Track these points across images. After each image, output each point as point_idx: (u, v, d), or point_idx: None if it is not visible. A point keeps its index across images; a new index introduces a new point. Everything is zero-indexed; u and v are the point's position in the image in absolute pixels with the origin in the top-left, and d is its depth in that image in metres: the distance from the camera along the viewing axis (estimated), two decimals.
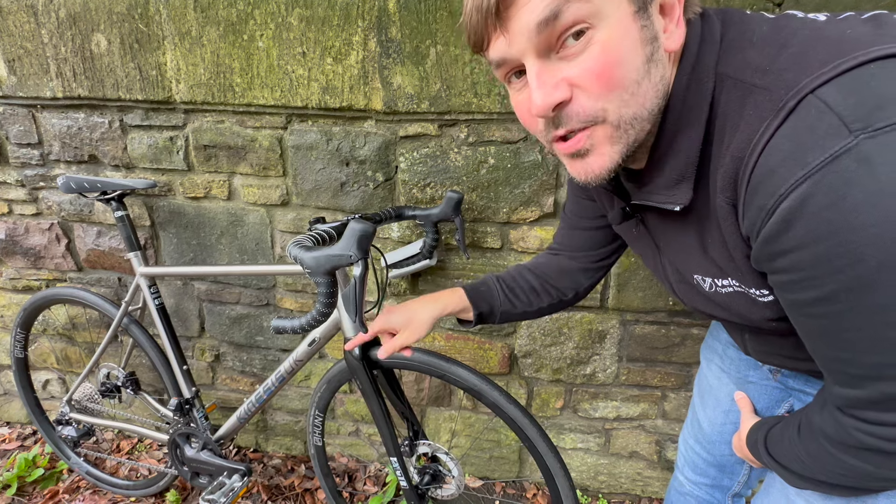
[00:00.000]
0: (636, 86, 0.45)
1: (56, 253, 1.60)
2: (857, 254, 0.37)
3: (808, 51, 0.41)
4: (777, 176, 0.40)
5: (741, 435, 0.72)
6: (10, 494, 1.59)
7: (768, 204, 0.41)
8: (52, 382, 1.84)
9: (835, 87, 0.38)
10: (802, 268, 0.41)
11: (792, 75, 0.40)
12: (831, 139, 0.37)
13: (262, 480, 1.65)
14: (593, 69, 0.44)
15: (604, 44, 0.43)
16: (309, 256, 0.78)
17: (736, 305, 0.56)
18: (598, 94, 0.45)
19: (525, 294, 0.87)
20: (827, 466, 0.51)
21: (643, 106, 0.46)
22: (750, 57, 0.44)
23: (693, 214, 0.53)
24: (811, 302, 0.43)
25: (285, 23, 1.19)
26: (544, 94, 0.45)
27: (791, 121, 0.39)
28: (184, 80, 1.29)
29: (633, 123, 0.47)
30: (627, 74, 0.44)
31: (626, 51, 0.43)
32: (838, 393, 0.47)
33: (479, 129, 1.23)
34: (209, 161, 1.39)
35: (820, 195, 0.37)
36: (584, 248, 0.84)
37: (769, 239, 0.42)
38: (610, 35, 0.43)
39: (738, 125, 0.44)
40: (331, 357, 1.60)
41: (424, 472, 1.17)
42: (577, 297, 0.89)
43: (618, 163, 0.49)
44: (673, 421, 1.48)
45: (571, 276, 0.87)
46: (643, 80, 0.45)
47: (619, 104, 0.45)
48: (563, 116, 0.47)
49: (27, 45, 1.33)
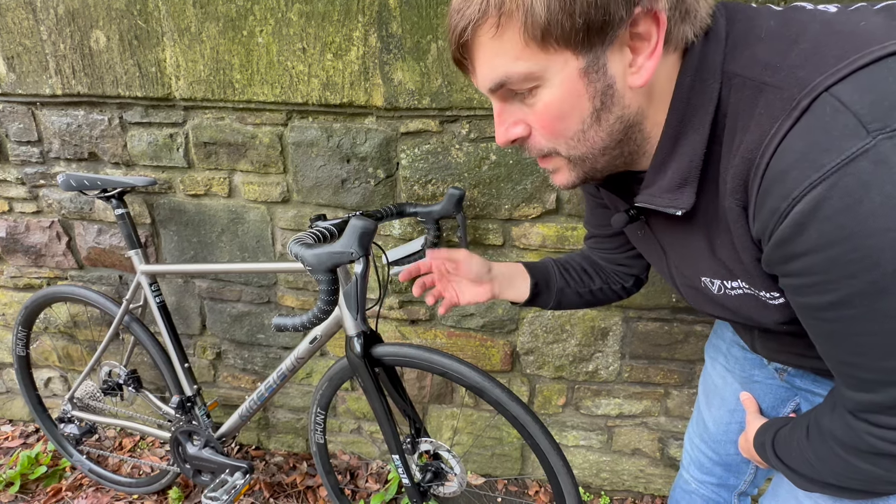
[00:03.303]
0: (581, 134, 0.49)
1: (57, 251, 1.60)
2: (872, 259, 0.36)
3: (820, 46, 0.39)
4: (790, 178, 0.38)
5: (748, 436, 0.71)
6: (13, 492, 1.60)
7: (781, 207, 0.39)
8: (54, 380, 1.84)
9: (850, 85, 0.36)
10: (816, 272, 0.40)
11: (805, 72, 0.39)
12: (847, 140, 0.35)
13: (264, 478, 1.65)
14: (539, 121, 0.49)
15: (546, 103, 0.47)
16: (310, 254, 0.77)
17: (745, 308, 0.55)
18: (547, 139, 0.51)
19: (578, 275, 0.86)
20: (836, 469, 0.51)
21: (592, 147, 0.50)
22: (759, 53, 0.42)
23: (700, 217, 0.52)
24: (824, 306, 0.42)
25: (285, 18, 1.18)
26: (503, 133, 0.52)
27: (805, 120, 0.38)
28: (183, 76, 1.28)
29: (584, 160, 0.51)
30: (571, 126, 0.48)
31: (568, 107, 0.47)
32: (850, 396, 0.46)
33: (481, 126, 1.22)
34: (209, 158, 1.38)
35: (835, 199, 0.36)
36: (610, 251, 0.84)
37: (781, 242, 0.41)
38: (552, 95, 0.46)
39: (749, 125, 0.42)
40: (332, 355, 1.60)
41: (426, 470, 1.17)
42: (628, 292, 0.88)
43: (582, 180, 0.55)
44: (676, 418, 1.47)
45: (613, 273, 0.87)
46: (589, 129, 0.48)
47: (566, 147, 0.51)
48: (526, 147, 0.54)
49: (26, 41, 1.32)
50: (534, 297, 0.84)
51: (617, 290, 0.87)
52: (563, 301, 0.86)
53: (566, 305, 0.88)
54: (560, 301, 0.86)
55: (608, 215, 0.78)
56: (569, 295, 0.86)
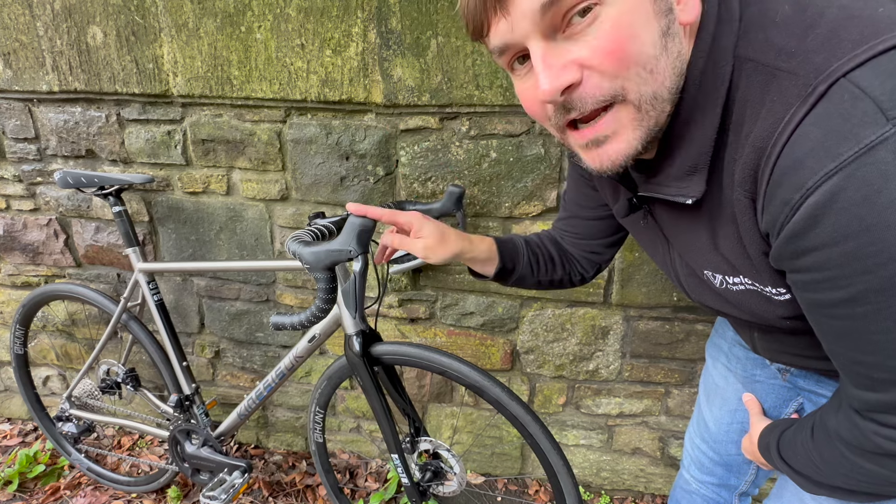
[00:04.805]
0: (654, 61, 0.41)
1: (54, 249, 1.59)
2: (890, 253, 0.35)
3: (838, 31, 0.38)
4: (804, 168, 0.37)
5: (752, 438, 0.70)
6: (11, 490, 1.59)
7: (794, 198, 0.38)
8: (52, 379, 1.84)
9: (870, 71, 0.35)
10: (829, 267, 0.39)
11: (822, 58, 0.37)
12: (866, 128, 0.34)
13: (263, 477, 1.64)
14: (605, 46, 0.40)
15: (614, 19, 0.40)
16: (308, 252, 0.76)
17: (748, 303, 0.54)
18: (614, 73, 0.41)
19: (545, 263, 0.84)
20: (842, 471, 0.50)
21: (662, 84, 0.43)
22: (773, 38, 0.41)
23: (704, 208, 0.50)
24: (836, 303, 0.40)
25: (283, 14, 1.17)
26: (552, 78, 0.42)
27: (821, 107, 0.36)
28: (181, 72, 1.27)
29: (653, 104, 0.43)
30: (643, 49, 0.41)
31: (639, 24, 0.40)
32: (857, 395, 0.45)
33: (481, 122, 1.21)
34: (207, 155, 1.37)
35: (852, 189, 0.35)
36: (584, 237, 0.82)
37: (793, 236, 0.40)
38: (620, 9, 0.39)
39: (760, 112, 0.41)
40: (331, 353, 1.59)
41: (426, 469, 1.16)
42: (583, 281, 0.87)
43: (637, 150, 0.45)
44: (676, 417, 1.47)
45: (577, 261, 0.85)
46: (660, 55, 0.41)
47: (637, 82, 0.42)
48: (576, 100, 0.43)
49: (22, 37, 1.31)
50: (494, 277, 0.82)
51: (575, 280, 0.86)
52: (518, 284, 0.85)
53: (517, 286, 0.86)
54: (514, 283, 0.85)
55: (595, 197, 0.76)
56: (527, 280, 0.84)
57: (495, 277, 0.82)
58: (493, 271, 0.81)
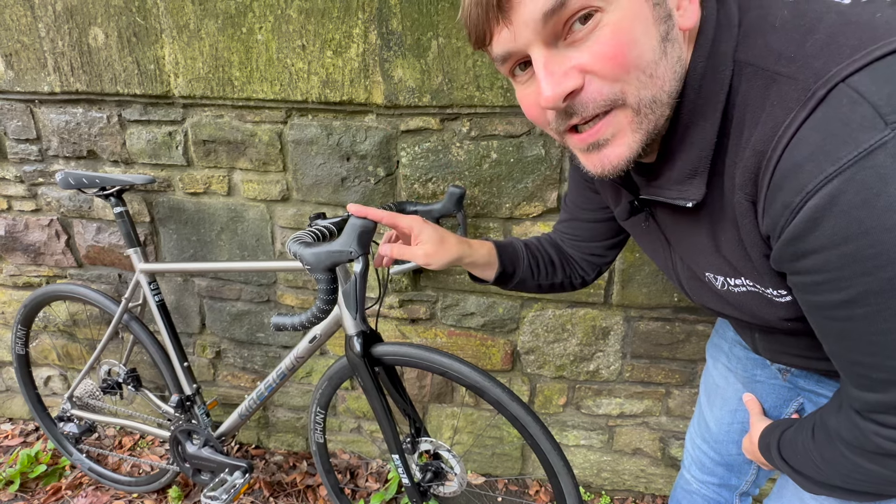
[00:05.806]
0: (654, 66, 0.42)
1: (56, 249, 1.59)
2: (889, 255, 0.35)
3: (836, 36, 0.38)
4: (804, 171, 0.37)
5: (752, 438, 0.70)
6: (12, 490, 1.60)
7: (794, 202, 0.38)
8: (53, 379, 1.84)
9: (868, 76, 0.35)
10: (829, 269, 0.39)
11: (821, 63, 0.38)
12: (865, 132, 0.34)
13: (263, 477, 1.65)
14: (606, 52, 0.41)
15: (615, 25, 0.40)
16: (309, 253, 0.77)
17: (749, 305, 0.55)
18: (614, 77, 0.42)
19: (545, 266, 0.85)
20: (843, 471, 0.50)
21: (662, 88, 0.43)
22: (772, 43, 0.41)
23: (705, 211, 0.51)
24: (836, 304, 0.41)
25: (284, 15, 1.18)
26: (554, 84, 0.42)
27: (820, 111, 0.37)
28: (182, 74, 1.27)
29: (652, 107, 0.44)
30: (643, 54, 0.41)
31: (639, 30, 0.41)
32: (857, 396, 0.46)
33: (482, 123, 1.21)
34: (208, 156, 1.38)
35: (851, 193, 0.35)
36: (585, 240, 0.83)
37: (793, 239, 0.40)
38: (621, 16, 0.40)
39: (760, 117, 0.41)
40: (332, 354, 1.59)
41: (426, 469, 1.16)
42: (584, 284, 0.87)
43: (637, 153, 0.46)
44: (677, 418, 1.47)
45: (577, 264, 0.85)
46: (660, 60, 0.42)
47: (637, 86, 0.42)
48: (577, 105, 0.44)
49: (24, 38, 1.31)
50: (494, 281, 0.82)
51: (576, 283, 0.86)
52: (519, 288, 0.85)
53: (517, 290, 0.86)
54: (515, 287, 0.85)
55: (596, 200, 0.77)
56: (527, 284, 0.84)
57: (495, 282, 0.82)
58: (494, 275, 0.81)
